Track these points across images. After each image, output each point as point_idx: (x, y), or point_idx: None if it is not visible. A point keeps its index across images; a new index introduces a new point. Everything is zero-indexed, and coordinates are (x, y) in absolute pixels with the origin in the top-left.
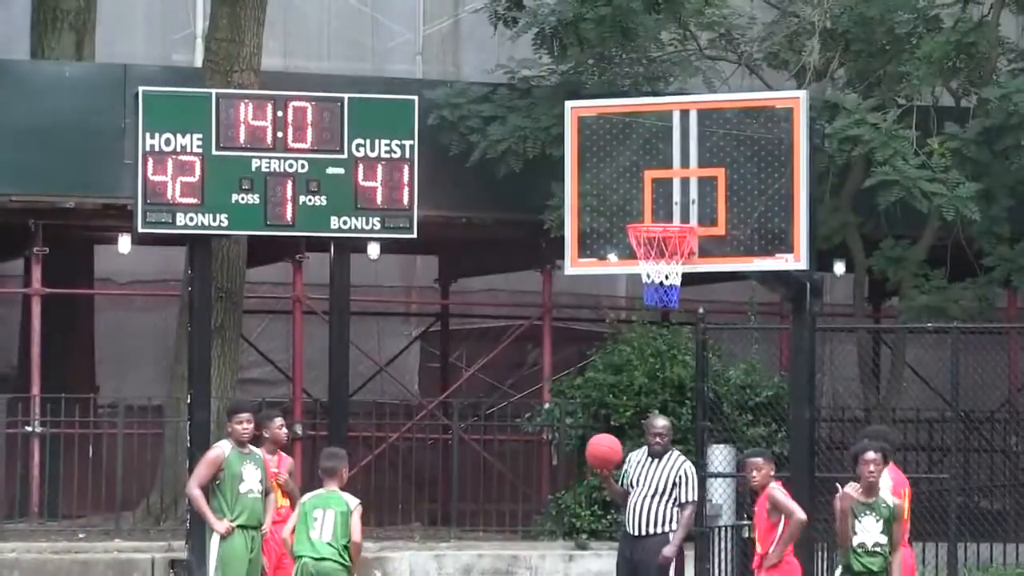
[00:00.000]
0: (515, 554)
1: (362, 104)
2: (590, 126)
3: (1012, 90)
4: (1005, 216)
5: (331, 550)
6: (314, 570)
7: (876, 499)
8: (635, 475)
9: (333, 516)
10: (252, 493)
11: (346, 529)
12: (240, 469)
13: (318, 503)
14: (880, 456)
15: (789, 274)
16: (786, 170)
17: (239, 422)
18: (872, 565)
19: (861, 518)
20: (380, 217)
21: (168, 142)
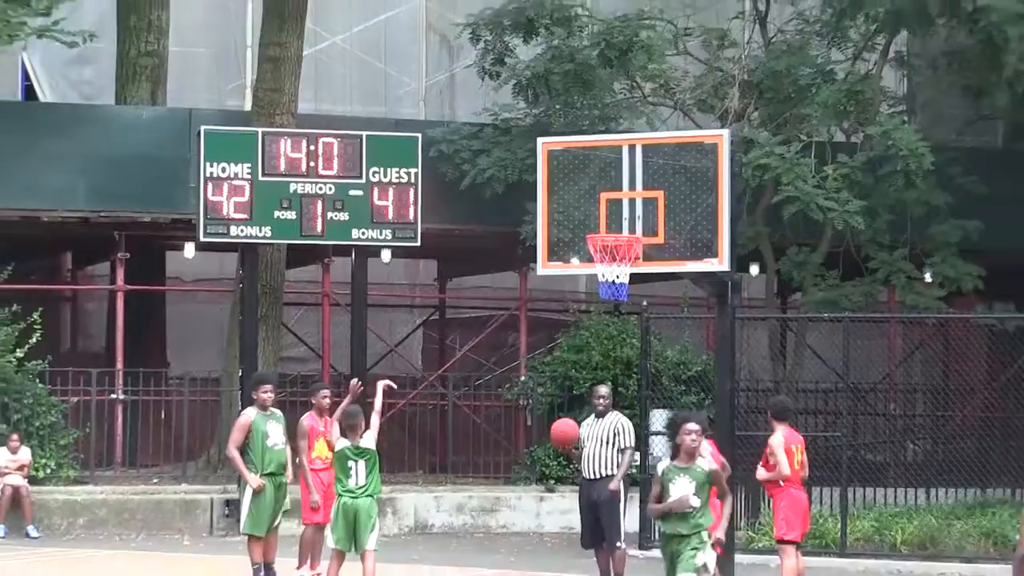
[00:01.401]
0: (497, 495)
1: (376, 140)
2: (557, 157)
3: (891, 128)
4: (885, 228)
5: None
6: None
7: (693, 464)
8: (587, 434)
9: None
10: (277, 446)
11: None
12: (265, 428)
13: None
14: (700, 429)
15: (714, 274)
16: (712, 192)
17: (264, 391)
18: (680, 526)
19: (676, 480)
20: (391, 229)
21: (224, 170)
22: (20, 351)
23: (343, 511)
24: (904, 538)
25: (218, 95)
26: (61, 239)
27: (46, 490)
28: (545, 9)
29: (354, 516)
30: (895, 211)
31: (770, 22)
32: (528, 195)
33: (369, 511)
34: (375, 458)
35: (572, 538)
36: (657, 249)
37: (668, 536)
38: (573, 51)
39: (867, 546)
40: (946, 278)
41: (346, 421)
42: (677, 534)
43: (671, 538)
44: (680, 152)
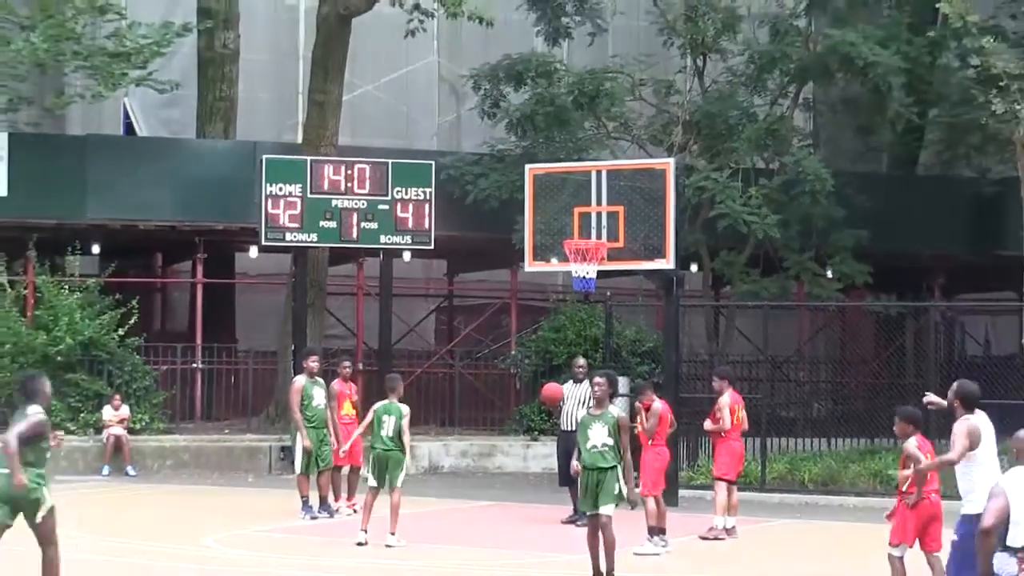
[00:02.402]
0: (493, 443)
1: (399, 166)
2: (541, 180)
3: (801, 158)
4: (796, 236)
5: (393, 442)
6: (384, 456)
7: (604, 412)
8: (567, 394)
9: (394, 420)
10: (320, 406)
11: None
12: (312, 392)
13: (384, 411)
14: (605, 380)
15: (663, 271)
16: (661, 207)
17: (312, 360)
18: (599, 461)
19: (592, 425)
20: (411, 236)
21: (281, 189)
22: (121, 330)
23: (376, 459)
24: (811, 477)
25: (276, 131)
26: (154, 243)
27: (141, 439)
28: (531, 64)
29: (385, 463)
30: (804, 223)
31: (706, 75)
32: (518, 209)
33: (399, 461)
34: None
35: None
36: (618, 251)
37: (588, 469)
38: (553, 97)
39: (782, 483)
40: (843, 275)
41: (386, 384)
42: (596, 467)
43: (591, 471)
44: (636, 176)
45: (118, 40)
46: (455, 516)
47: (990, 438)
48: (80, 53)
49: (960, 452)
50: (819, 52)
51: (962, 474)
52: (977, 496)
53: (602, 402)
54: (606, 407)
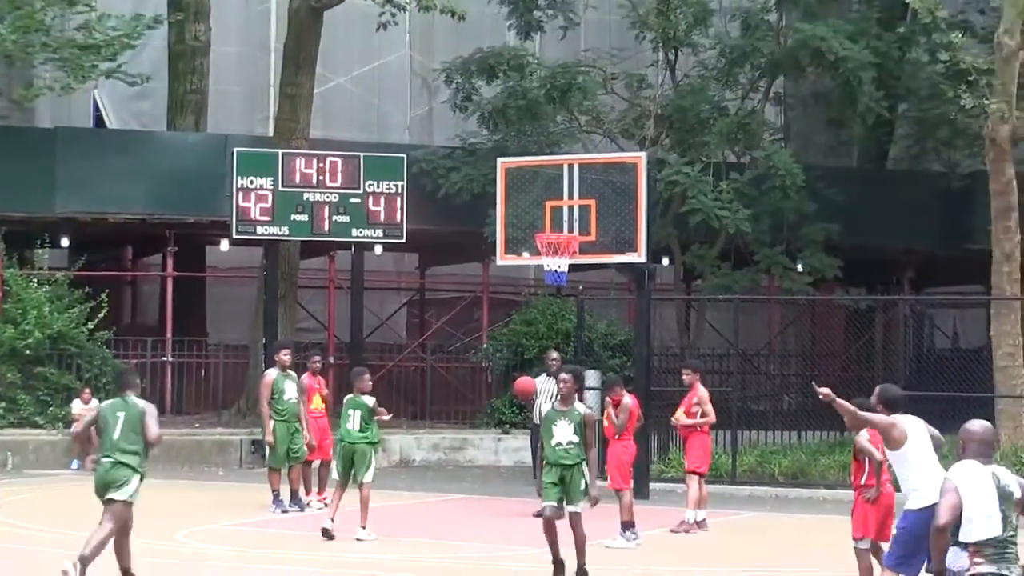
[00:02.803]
0: (464, 437)
1: (371, 159)
2: (512, 173)
3: (771, 152)
4: (767, 230)
5: (360, 436)
6: (350, 450)
7: (571, 408)
8: (540, 388)
9: (360, 414)
10: (291, 400)
11: (370, 419)
12: (283, 386)
13: (350, 405)
14: (571, 377)
15: (634, 265)
16: (633, 201)
17: (284, 354)
18: (565, 458)
19: (557, 422)
20: (382, 229)
21: (252, 182)
22: (91, 324)
23: (341, 452)
24: (781, 469)
25: (248, 124)
26: (124, 236)
27: None
28: (503, 58)
29: (351, 457)
30: (775, 217)
31: (678, 69)
32: (490, 203)
33: (364, 453)
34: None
35: (522, 471)
36: (590, 245)
37: (551, 465)
38: (525, 90)
39: (752, 476)
40: (813, 268)
41: (354, 378)
42: (560, 464)
43: (554, 466)
44: (608, 170)
45: (87, 32)
46: (426, 509)
47: (920, 435)
48: (49, 45)
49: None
50: (790, 46)
51: (898, 472)
52: (918, 492)
53: (568, 398)
54: (572, 403)
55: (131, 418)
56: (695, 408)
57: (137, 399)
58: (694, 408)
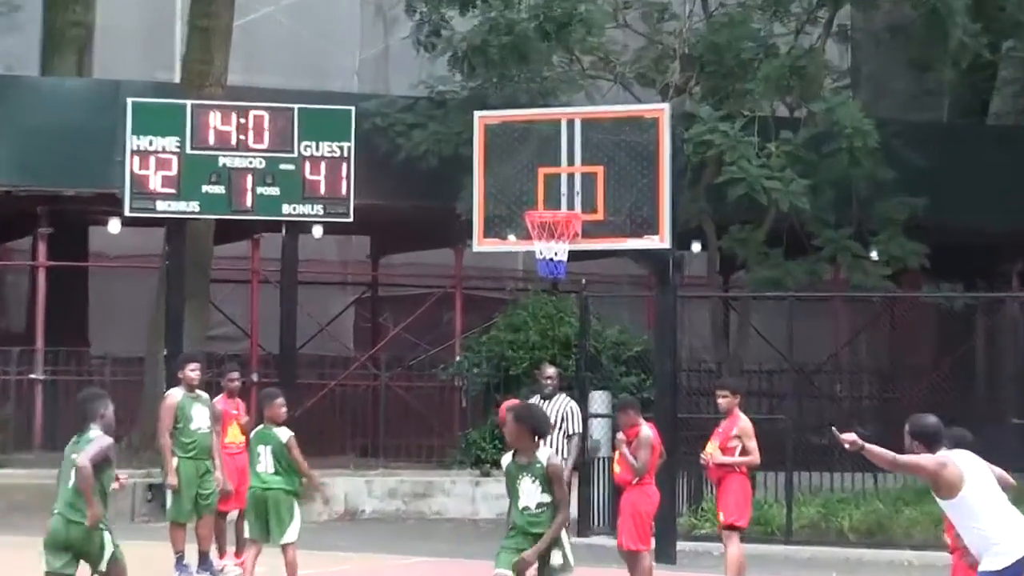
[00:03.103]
0: (431, 480)
1: (308, 113)
2: (494, 131)
3: (835, 104)
4: (830, 206)
5: (276, 479)
6: (261, 498)
7: (532, 460)
8: None
9: (271, 450)
10: (201, 430)
11: (285, 460)
12: (191, 411)
13: (258, 439)
14: (519, 418)
15: (655, 252)
16: (653, 168)
17: (191, 369)
18: (535, 526)
19: (521, 479)
20: (322, 204)
21: (151, 143)
22: None
23: (253, 499)
24: (851, 525)
25: (147, 67)
26: None
27: None
28: None
29: (264, 506)
30: (840, 188)
31: None
32: (464, 170)
33: (280, 503)
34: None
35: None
36: (596, 226)
37: (521, 533)
38: (511, 23)
39: (813, 533)
40: (892, 256)
41: (262, 402)
42: (532, 533)
43: (524, 535)
44: (620, 127)
45: None
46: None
47: (980, 474)
48: None
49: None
50: None
51: (960, 526)
52: (1000, 547)
53: (525, 447)
54: (534, 453)
55: None
56: (733, 442)
57: (98, 431)
58: (732, 442)
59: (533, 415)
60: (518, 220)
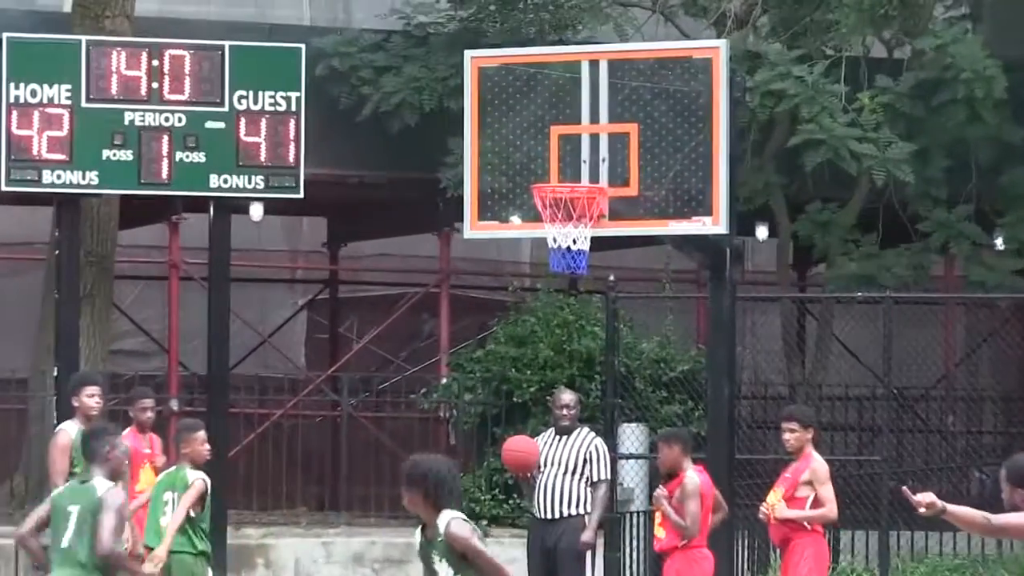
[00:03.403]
0: (409, 541)
1: (244, 52)
2: (492, 77)
3: (948, 40)
4: (941, 177)
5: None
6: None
7: (435, 536)
8: (544, 455)
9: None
10: None
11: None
12: None
13: (166, 484)
14: (412, 482)
15: (707, 239)
16: (704, 126)
17: (89, 395)
18: None
19: (432, 560)
20: (264, 175)
21: (34, 93)
22: None
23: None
24: None
25: None
26: None
27: None
28: None
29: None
30: (955, 154)
31: None
32: (452, 129)
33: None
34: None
35: None
36: (629, 204)
37: None
38: None
39: None
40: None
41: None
42: None
43: None
44: (660, 71)
45: None
46: None
47: None
48: None
49: None
50: None
51: None
52: None
53: (426, 516)
54: (435, 523)
55: (85, 512)
56: (803, 490)
57: (103, 480)
58: (802, 490)
59: (428, 471)
60: (524, 196)
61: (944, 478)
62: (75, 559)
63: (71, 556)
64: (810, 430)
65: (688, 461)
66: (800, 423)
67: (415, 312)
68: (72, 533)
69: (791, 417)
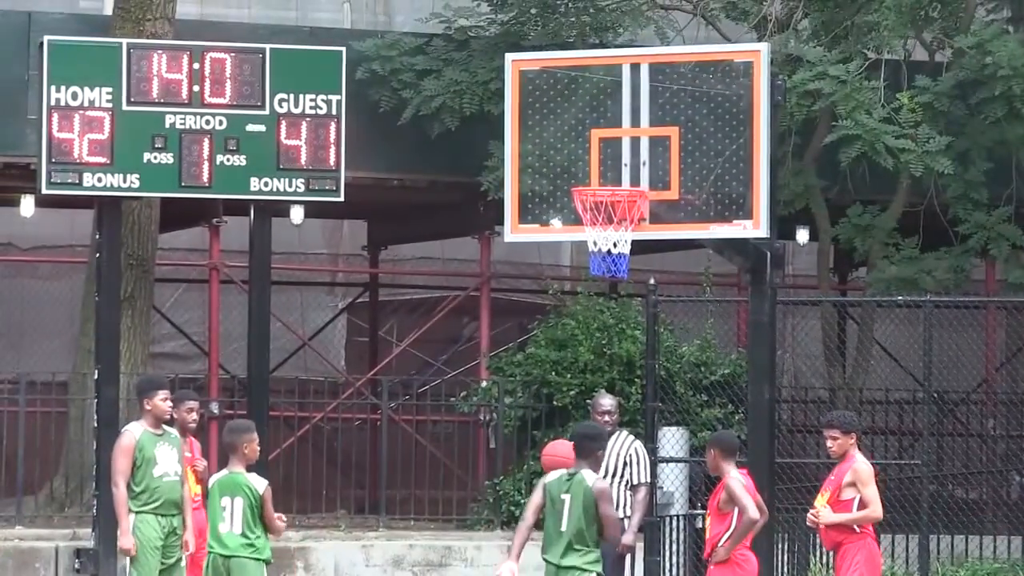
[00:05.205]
0: (449, 545)
1: (285, 56)
2: (532, 80)
3: (988, 38)
4: (982, 180)
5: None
6: (223, 568)
7: None
8: None
9: (241, 505)
10: (168, 476)
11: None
12: (154, 452)
13: (225, 489)
14: None
15: (747, 242)
16: (745, 129)
17: (162, 399)
18: None
19: None
20: (304, 178)
21: (75, 96)
22: None
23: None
24: None
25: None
26: None
27: None
28: None
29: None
30: (995, 155)
31: None
32: (493, 132)
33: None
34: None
35: None
36: (669, 208)
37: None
38: None
39: None
40: None
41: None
42: None
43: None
44: (701, 74)
45: None
46: None
47: None
48: None
49: None
50: None
51: None
52: None
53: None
54: None
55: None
56: (848, 492)
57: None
58: (847, 492)
59: None
60: (565, 200)
61: (984, 482)
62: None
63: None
64: (852, 435)
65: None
66: (841, 429)
67: (455, 315)
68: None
69: (832, 424)
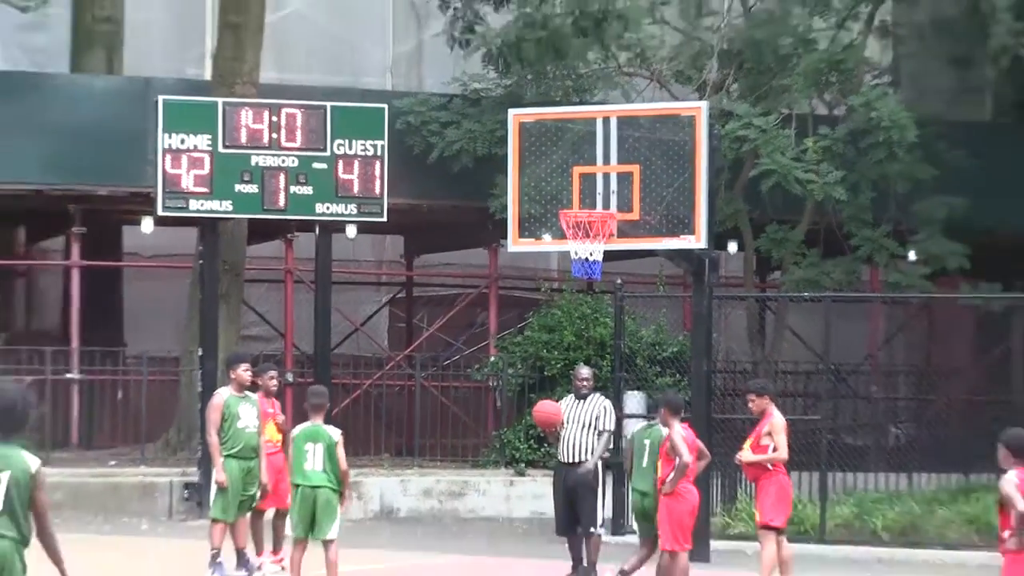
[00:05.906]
0: (466, 479)
1: (342, 111)
2: (529, 129)
3: (873, 99)
4: (868, 205)
5: (323, 477)
6: (310, 496)
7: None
8: (566, 415)
9: (322, 448)
10: (248, 428)
11: (334, 459)
12: (238, 409)
13: (308, 437)
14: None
15: (691, 252)
16: (689, 167)
17: (244, 369)
18: None
19: None
20: (356, 204)
21: (183, 141)
22: None
23: (301, 499)
24: (885, 524)
25: (177, 64)
26: (13, 213)
27: None
28: None
29: (312, 504)
30: (878, 186)
31: None
32: (498, 169)
33: (329, 501)
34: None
35: (543, 524)
36: (632, 226)
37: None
38: (546, 18)
39: (847, 532)
40: (930, 256)
41: (310, 400)
42: None
43: None
44: (656, 125)
45: None
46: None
47: None
48: None
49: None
50: None
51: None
52: None
53: None
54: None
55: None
56: (765, 440)
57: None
58: (764, 440)
59: None
60: (553, 220)
61: (868, 433)
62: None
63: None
64: (766, 397)
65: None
66: (757, 393)
67: (470, 307)
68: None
69: (750, 389)
